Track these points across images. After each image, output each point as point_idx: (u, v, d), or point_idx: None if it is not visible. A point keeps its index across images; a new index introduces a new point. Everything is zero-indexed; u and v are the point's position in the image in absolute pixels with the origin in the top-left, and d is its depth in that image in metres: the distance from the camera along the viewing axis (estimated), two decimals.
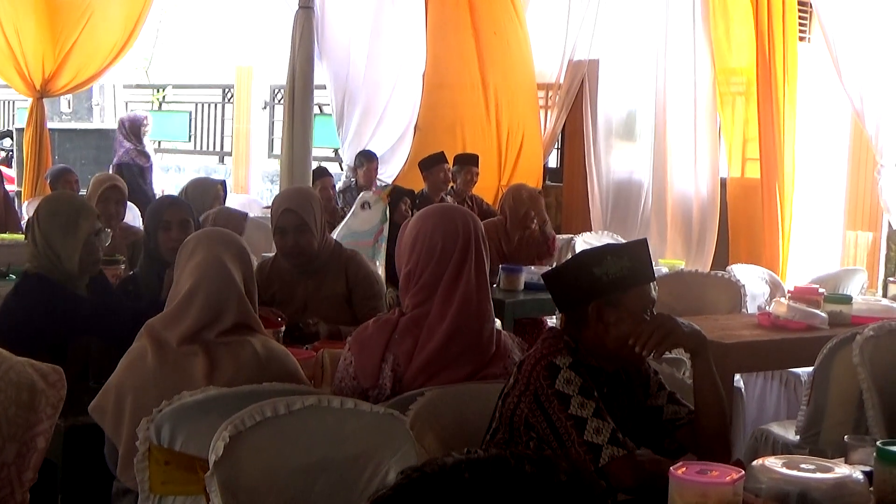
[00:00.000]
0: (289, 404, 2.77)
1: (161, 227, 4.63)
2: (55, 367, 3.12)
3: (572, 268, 2.96)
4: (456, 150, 9.74)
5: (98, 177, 6.65)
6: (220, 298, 3.25)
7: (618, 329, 2.89)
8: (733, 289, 6.12)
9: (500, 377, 3.23)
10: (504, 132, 10.67)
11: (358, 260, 4.80)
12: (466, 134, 10.65)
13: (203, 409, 2.94)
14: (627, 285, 2.89)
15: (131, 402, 3.18)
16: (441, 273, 3.28)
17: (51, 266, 4.04)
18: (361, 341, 3.31)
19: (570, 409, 2.75)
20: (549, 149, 10.97)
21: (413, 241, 3.32)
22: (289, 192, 5.11)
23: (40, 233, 4.06)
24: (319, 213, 4.72)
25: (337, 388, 3.31)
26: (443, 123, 10.65)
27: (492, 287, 6.26)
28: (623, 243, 3.03)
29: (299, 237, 4.63)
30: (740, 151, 8.97)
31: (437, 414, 3.10)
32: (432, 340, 3.24)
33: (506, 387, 2.90)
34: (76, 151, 13.23)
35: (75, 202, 4.25)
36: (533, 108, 10.73)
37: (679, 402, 3.08)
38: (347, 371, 3.30)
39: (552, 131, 10.82)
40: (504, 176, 10.62)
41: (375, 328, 3.31)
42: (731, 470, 2.38)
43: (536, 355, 2.85)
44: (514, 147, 10.66)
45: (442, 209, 3.48)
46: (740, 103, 8.97)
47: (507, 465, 1.28)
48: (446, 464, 1.30)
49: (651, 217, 9.61)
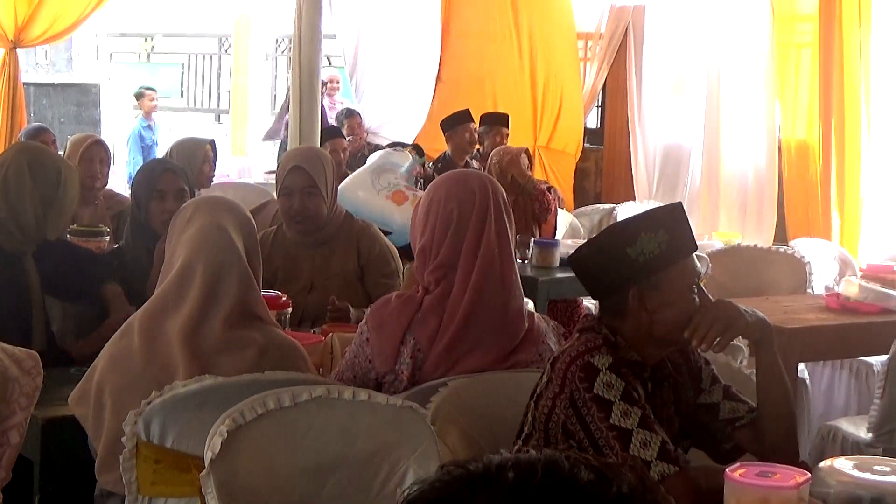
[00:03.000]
0: (294, 395, 2.78)
1: (154, 196, 4.62)
2: (30, 351, 3.13)
3: (602, 250, 2.91)
4: (485, 107, 9.71)
5: (77, 136, 6.66)
6: (220, 272, 3.25)
7: (664, 314, 2.85)
8: (797, 266, 6.09)
9: (533, 364, 3.23)
10: (540, 87, 10.62)
11: (371, 233, 4.80)
12: (497, 89, 10.60)
13: (198, 400, 2.95)
14: (668, 262, 2.85)
15: (112, 396, 3.19)
16: (459, 245, 3.27)
17: (16, 229, 4.10)
18: (382, 317, 3.30)
19: (611, 419, 2.72)
20: (588, 107, 10.93)
21: (426, 211, 3.33)
22: (299, 149, 5.14)
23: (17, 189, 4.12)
24: (331, 176, 4.73)
25: (347, 364, 3.30)
26: (468, 76, 10.60)
27: (523, 264, 6.38)
28: (655, 212, 2.95)
29: (307, 200, 4.64)
30: (806, 110, 8.91)
31: (462, 406, 3.09)
32: (454, 321, 3.24)
33: (538, 385, 2.88)
34: (54, 108, 13.27)
35: (62, 159, 4.35)
36: (572, 60, 10.68)
37: (737, 398, 3.05)
38: (363, 350, 3.29)
39: (592, 87, 10.77)
40: (541, 137, 10.58)
41: (399, 304, 3.31)
42: (796, 472, 2.36)
43: (572, 353, 2.81)
44: (552, 104, 10.61)
45: (456, 174, 3.49)
46: (806, 55, 8.89)
47: (559, 470, 1.25)
48: (492, 462, 1.28)
49: (702, 184, 9.56)
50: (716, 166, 9.46)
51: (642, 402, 2.77)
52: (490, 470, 1.25)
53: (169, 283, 3.28)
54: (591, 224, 8.33)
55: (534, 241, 6.49)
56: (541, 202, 7.13)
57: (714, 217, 9.32)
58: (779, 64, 8.98)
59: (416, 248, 3.37)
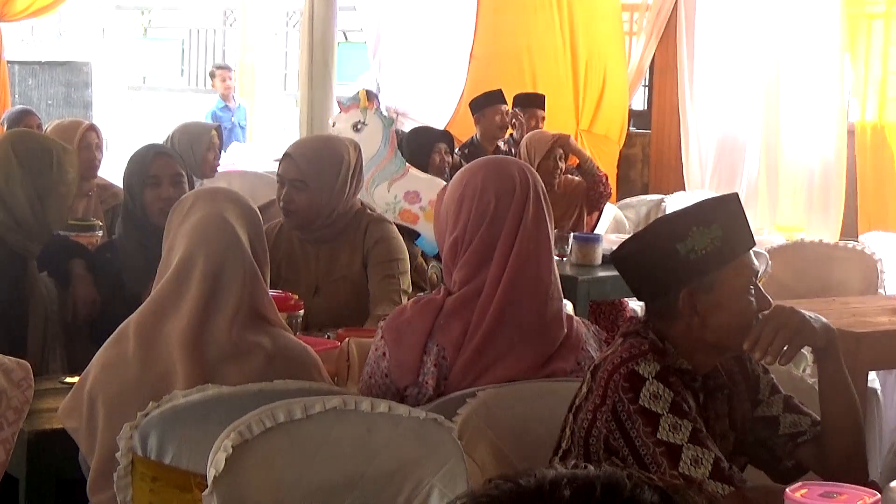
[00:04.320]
0: (306, 407, 2.78)
1: (148, 183, 4.64)
2: (21, 361, 3.14)
3: (649, 246, 2.90)
4: (523, 87, 9.70)
5: (63, 121, 6.68)
6: (223, 266, 3.25)
7: (717, 318, 2.84)
8: (867, 263, 6.07)
9: (572, 374, 3.22)
10: (581, 65, 10.60)
11: (378, 222, 4.79)
12: (536, 67, 10.57)
13: (199, 412, 2.96)
14: (723, 260, 2.83)
15: (105, 407, 3.20)
16: (494, 239, 3.27)
17: (15, 223, 4.12)
18: (397, 327, 3.29)
19: (659, 433, 2.71)
20: (634, 87, 10.91)
21: (459, 201, 3.31)
22: (306, 136, 5.10)
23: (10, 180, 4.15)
24: (336, 170, 4.67)
25: (365, 385, 3.30)
26: (505, 53, 10.56)
27: (561, 261, 6.36)
28: (708, 203, 2.94)
29: (293, 193, 4.63)
30: (877, 88, 8.86)
31: (493, 419, 3.09)
32: (483, 324, 3.23)
33: (577, 396, 2.87)
34: (41, 89, 13.34)
35: (58, 142, 4.37)
36: (616, 35, 10.66)
37: (799, 410, 3.03)
38: (379, 365, 3.29)
39: (639, 64, 10.75)
40: (583, 120, 10.56)
41: (415, 311, 3.30)
42: (864, 493, 2.35)
43: (615, 360, 2.80)
44: (595, 83, 10.59)
45: (492, 160, 3.49)
46: (877, 28, 8.85)
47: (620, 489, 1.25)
48: (546, 477, 1.28)
49: (762, 171, 9.54)
50: (777, 151, 9.43)
51: (693, 414, 2.76)
52: (543, 486, 1.25)
53: (167, 280, 3.29)
54: (637, 217, 8.33)
55: (573, 235, 6.47)
56: (598, 189, 7.13)
57: (774, 208, 9.29)
58: (848, 37, 8.94)
59: (444, 243, 3.35)
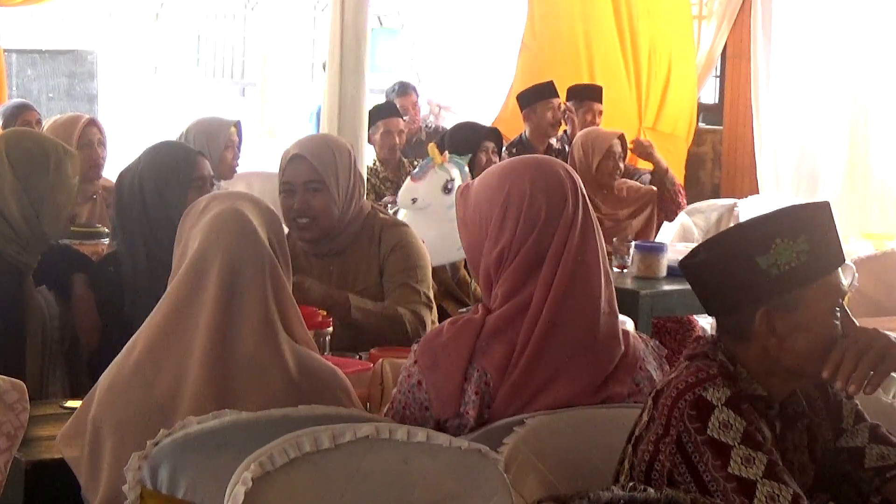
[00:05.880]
0: (335, 435, 2.79)
1: (194, 185, 4.63)
2: (15, 381, 3.16)
3: (725, 256, 2.89)
4: (579, 78, 9.70)
5: (61, 117, 6.72)
6: (242, 265, 3.24)
7: (796, 341, 2.84)
8: None
9: (630, 398, 3.22)
10: (644, 52, 10.57)
11: (392, 227, 4.77)
12: (595, 57, 10.54)
13: (216, 440, 2.96)
14: (808, 278, 2.83)
15: (112, 435, 3.21)
16: (543, 249, 3.25)
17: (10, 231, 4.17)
18: (433, 351, 3.27)
19: (730, 467, 2.71)
20: (704, 77, 10.89)
21: (503, 206, 3.28)
22: (306, 136, 5.04)
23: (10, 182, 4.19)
24: (348, 172, 4.67)
25: (398, 418, 3.27)
26: (559, 42, 10.54)
27: (621, 273, 6.35)
28: (795, 212, 2.92)
29: (310, 197, 4.61)
30: None
31: (542, 450, 3.09)
32: (530, 344, 3.22)
33: (637, 425, 2.87)
34: (41, 80, 13.40)
35: (57, 142, 4.40)
36: (684, 18, 10.64)
37: (888, 441, 3.03)
38: (415, 396, 3.26)
39: (709, 52, 10.73)
40: (647, 116, 10.53)
41: (453, 332, 3.27)
42: None
43: (679, 385, 2.81)
44: (660, 74, 10.57)
45: (533, 160, 3.45)
46: None
47: None
48: (600, 499, 1.31)
49: (848, 171, 9.50)
50: (865, 149, 9.40)
51: (768, 445, 2.76)
52: None
53: (180, 280, 3.29)
54: (706, 224, 8.31)
55: (635, 244, 6.46)
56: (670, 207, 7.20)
57: (861, 213, 9.25)
58: None
59: (480, 254, 3.30)
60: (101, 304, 4.63)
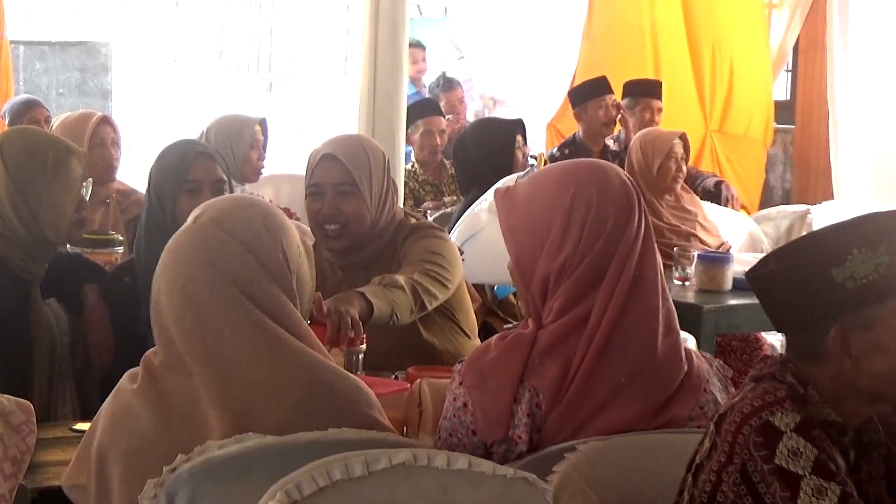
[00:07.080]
0: (368, 462, 2.79)
1: (185, 189, 4.65)
2: (22, 401, 3.17)
3: (797, 268, 2.88)
4: (645, 72, 9.68)
5: (70, 115, 6.75)
6: (198, 288, 3.13)
7: (874, 362, 2.82)
8: None
9: (692, 422, 3.22)
10: (708, 45, 10.54)
11: (418, 229, 4.68)
12: (661, 50, 10.50)
13: (238, 466, 2.95)
14: (888, 293, 2.81)
15: (120, 464, 3.20)
16: (606, 262, 3.24)
17: (13, 237, 4.20)
18: (480, 369, 3.25)
19: (800, 499, 2.70)
20: (776, 72, 10.87)
21: (566, 214, 3.25)
22: (337, 137, 4.99)
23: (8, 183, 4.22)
24: (382, 177, 4.65)
25: (445, 446, 3.25)
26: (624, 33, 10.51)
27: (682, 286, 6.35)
28: (875, 220, 2.89)
29: (341, 201, 4.56)
30: None
31: (596, 479, 3.08)
32: (585, 363, 3.21)
33: (698, 453, 2.87)
34: (51, 74, 13.45)
35: (58, 139, 4.41)
36: (754, 9, 10.61)
37: None
38: (462, 420, 3.24)
39: (780, 45, 10.71)
40: (713, 117, 10.49)
41: (502, 348, 3.25)
42: None
43: (744, 409, 2.80)
44: (724, 69, 10.53)
45: (597, 164, 3.41)
46: None
47: None
48: None
49: None
50: None
51: (842, 476, 2.75)
52: None
53: None
54: (776, 232, 8.30)
55: (698, 255, 6.45)
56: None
57: None
58: None
59: (547, 262, 3.26)
60: (115, 318, 4.63)
